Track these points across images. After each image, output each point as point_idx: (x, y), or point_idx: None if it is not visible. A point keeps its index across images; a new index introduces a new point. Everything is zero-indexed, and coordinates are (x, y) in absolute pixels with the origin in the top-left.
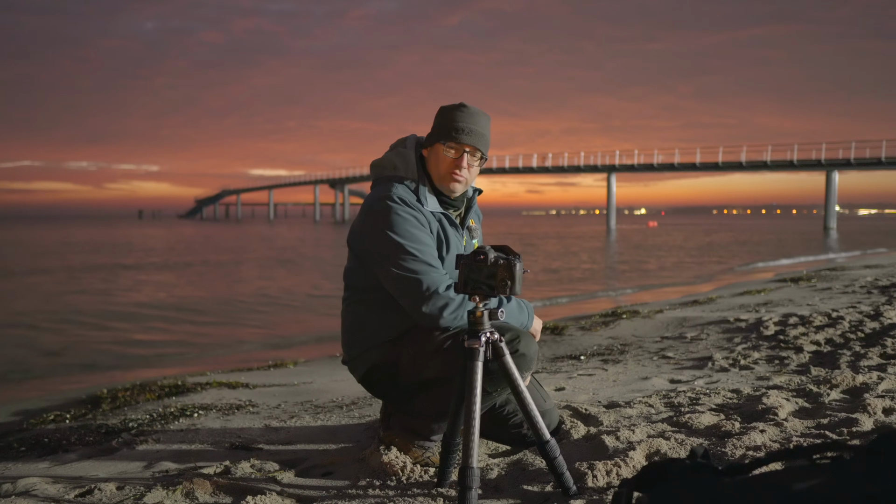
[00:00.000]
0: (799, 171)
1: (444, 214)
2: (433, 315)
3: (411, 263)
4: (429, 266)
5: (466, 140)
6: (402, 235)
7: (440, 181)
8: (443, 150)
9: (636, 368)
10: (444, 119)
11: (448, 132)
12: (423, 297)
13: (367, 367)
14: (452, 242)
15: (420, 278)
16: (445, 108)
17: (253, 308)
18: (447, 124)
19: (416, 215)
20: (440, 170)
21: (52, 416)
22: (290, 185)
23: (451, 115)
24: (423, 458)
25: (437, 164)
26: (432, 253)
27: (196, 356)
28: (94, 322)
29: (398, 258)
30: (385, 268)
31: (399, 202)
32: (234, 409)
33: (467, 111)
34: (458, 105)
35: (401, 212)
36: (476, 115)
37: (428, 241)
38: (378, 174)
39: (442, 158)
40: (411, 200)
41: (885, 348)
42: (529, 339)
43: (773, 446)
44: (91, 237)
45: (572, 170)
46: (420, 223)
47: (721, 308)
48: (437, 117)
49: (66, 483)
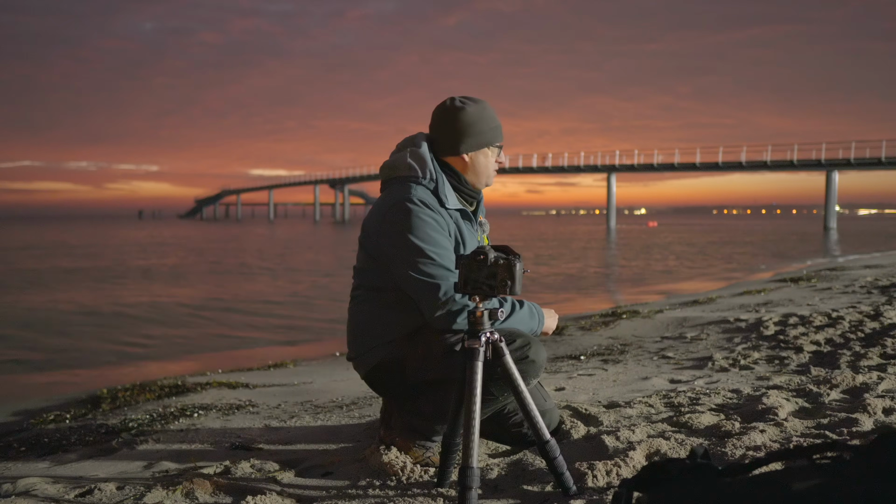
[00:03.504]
0: (799, 171)
1: (460, 211)
2: (448, 320)
3: (430, 268)
4: (447, 271)
5: (502, 136)
6: (422, 239)
7: (485, 182)
8: (493, 153)
9: (636, 368)
10: (489, 121)
11: (497, 135)
12: (439, 302)
13: (372, 364)
14: (468, 241)
15: (438, 283)
16: (471, 109)
17: (254, 309)
18: (493, 127)
19: (436, 218)
20: (489, 171)
21: (52, 416)
22: (290, 185)
23: (485, 114)
24: (423, 458)
25: (486, 166)
26: (451, 257)
27: (196, 356)
28: (94, 322)
29: (417, 261)
30: (403, 270)
31: (420, 204)
32: (234, 409)
33: (489, 107)
34: (480, 103)
35: (422, 215)
36: (492, 109)
37: (447, 245)
38: (390, 175)
39: (492, 161)
40: (431, 202)
41: (885, 348)
42: (539, 346)
43: (773, 446)
44: (92, 238)
45: (572, 170)
46: (440, 226)
47: (721, 308)
48: (469, 120)
49: (66, 483)
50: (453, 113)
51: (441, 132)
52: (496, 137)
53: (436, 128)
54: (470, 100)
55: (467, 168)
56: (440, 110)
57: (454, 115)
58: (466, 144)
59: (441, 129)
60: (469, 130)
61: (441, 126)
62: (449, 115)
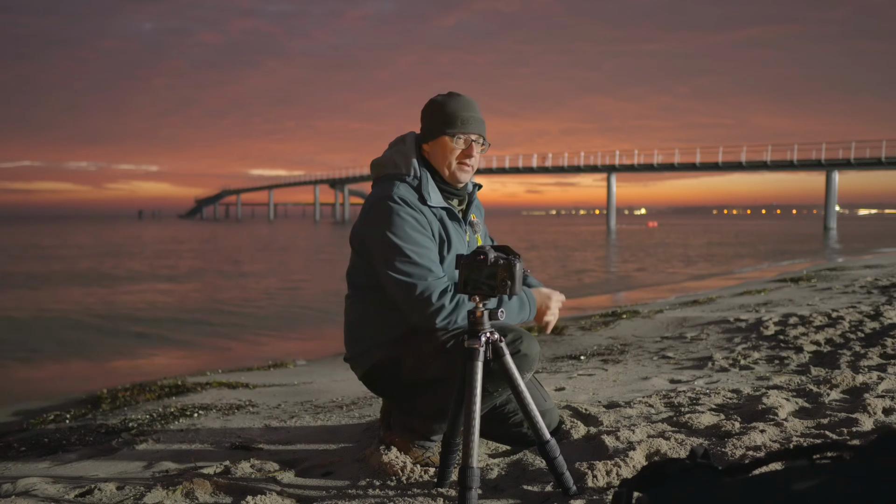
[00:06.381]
0: (799, 171)
1: (446, 209)
2: (424, 321)
3: (407, 266)
4: (425, 270)
5: (473, 129)
6: (401, 237)
7: (449, 173)
8: (450, 141)
9: (636, 368)
10: (445, 110)
11: (454, 122)
12: (415, 303)
13: (368, 365)
14: (454, 240)
15: (415, 283)
16: (440, 99)
17: (254, 308)
18: (450, 115)
19: (416, 216)
20: (450, 161)
21: (52, 416)
22: (290, 185)
23: (451, 105)
24: (423, 458)
25: (444, 156)
26: (431, 256)
27: (196, 356)
28: (95, 322)
29: (395, 260)
30: (382, 269)
31: (400, 202)
32: (234, 409)
33: (463, 99)
34: (451, 94)
35: (402, 213)
36: (472, 103)
37: (427, 244)
38: (378, 173)
39: (450, 150)
40: (413, 200)
41: (885, 348)
42: (531, 339)
43: (773, 446)
44: (92, 238)
45: (572, 170)
46: (421, 224)
47: (721, 308)
48: (432, 110)
49: (66, 483)
50: (426, 105)
51: (421, 126)
52: (448, 125)
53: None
54: (445, 94)
55: (431, 156)
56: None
57: (425, 107)
58: (426, 133)
59: (421, 123)
60: (429, 118)
61: (421, 120)
62: (423, 108)
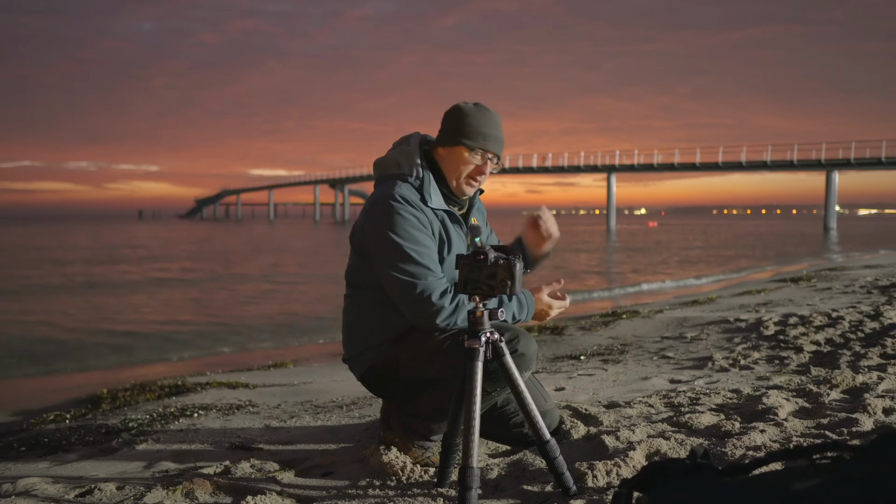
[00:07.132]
0: (799, 171)
1: (447, 212)
2: (423, 321)
3: (408, 266)
4: (426, 269)
5: (493, 147)
6: (402, 236)
7: (456, 184)
8: (467, 153)
9: (636, 368)
10: (470, 121)
11: (475, 136)
12: (414, 302)
13: (367, 365)
14: (454, 242)
15: (415, 282)
16: (467, 108)
17: (254, 308)
18: (474, 127)
19: (418, 216)
20: (460, 172)
21: (52, 416)
22: (290, 185)
23: (477, 117)
24: (423, 458)
25: (457, 165)
26: (431, 256)
27: (196, 356)
28: (95, 322)
29: (396, 259)
30: (383, 267)
31: (402, 201)
32: (234, 409)
33: (491, 115)
34: (480, 106)
35: (403, 212)
36: (498, 121)
37: (428, 244)
38: (381, 173)
39: (465, 161)
40: (414, 200)
41: (885, 348)
42: (529, 339)
43: (773, 446)
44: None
45: (572, 170)
46: (422, 224)
47: (721, 308)
48: (457, 116)
49: (66, 483)
50: (451, 109)
51: (440, 128)
52: (469, 136)
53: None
54: (475, 104)
55: (443, 162)
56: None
57: (450, 111)
58: (443, 137)
59: (441, 125)
60: (451, 124)
61: (442, 122)
62: (448, 111)
